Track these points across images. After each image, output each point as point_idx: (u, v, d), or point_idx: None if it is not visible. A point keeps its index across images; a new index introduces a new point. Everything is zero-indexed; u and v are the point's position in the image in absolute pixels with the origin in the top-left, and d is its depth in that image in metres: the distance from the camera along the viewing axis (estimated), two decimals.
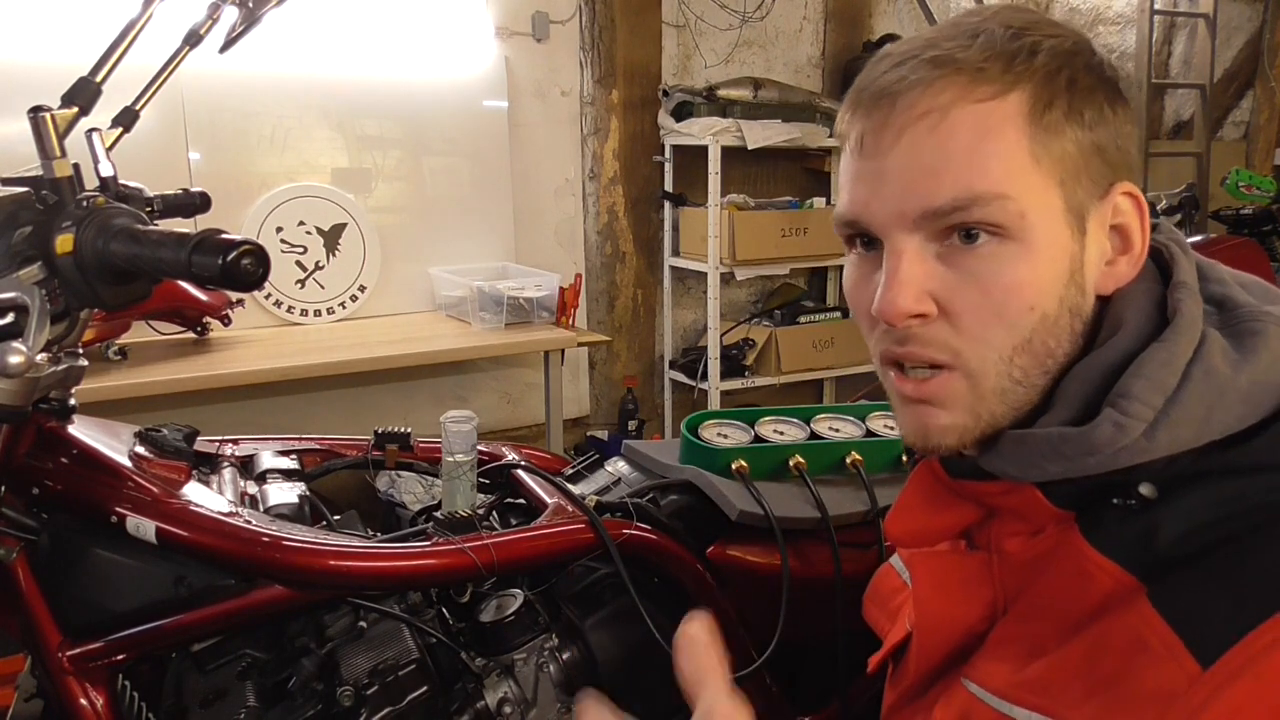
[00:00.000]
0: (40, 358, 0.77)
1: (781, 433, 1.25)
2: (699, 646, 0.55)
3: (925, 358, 0.60)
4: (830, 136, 3.30)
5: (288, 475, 1.09)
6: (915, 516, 0.70)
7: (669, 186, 3.30)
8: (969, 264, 0.58)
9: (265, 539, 0.88)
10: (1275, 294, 0.62)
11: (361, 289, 2.76)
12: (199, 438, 1.02)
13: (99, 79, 0.86)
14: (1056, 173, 0.58)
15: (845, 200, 0.62)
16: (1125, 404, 0.56)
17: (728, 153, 3.10)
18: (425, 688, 0.94)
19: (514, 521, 1.10)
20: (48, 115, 0.81)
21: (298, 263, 2.65)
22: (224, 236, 0.71)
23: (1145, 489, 0.56)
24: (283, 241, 2.62)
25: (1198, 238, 2.68)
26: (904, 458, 0.79)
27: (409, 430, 1.21)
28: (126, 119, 0.92)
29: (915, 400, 0.62)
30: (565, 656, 1.01)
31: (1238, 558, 0.51)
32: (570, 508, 1.03)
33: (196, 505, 0.90)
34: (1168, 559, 0.54)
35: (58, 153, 0.81)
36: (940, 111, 0.57)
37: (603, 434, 3.32)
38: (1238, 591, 0.50)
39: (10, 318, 0.75)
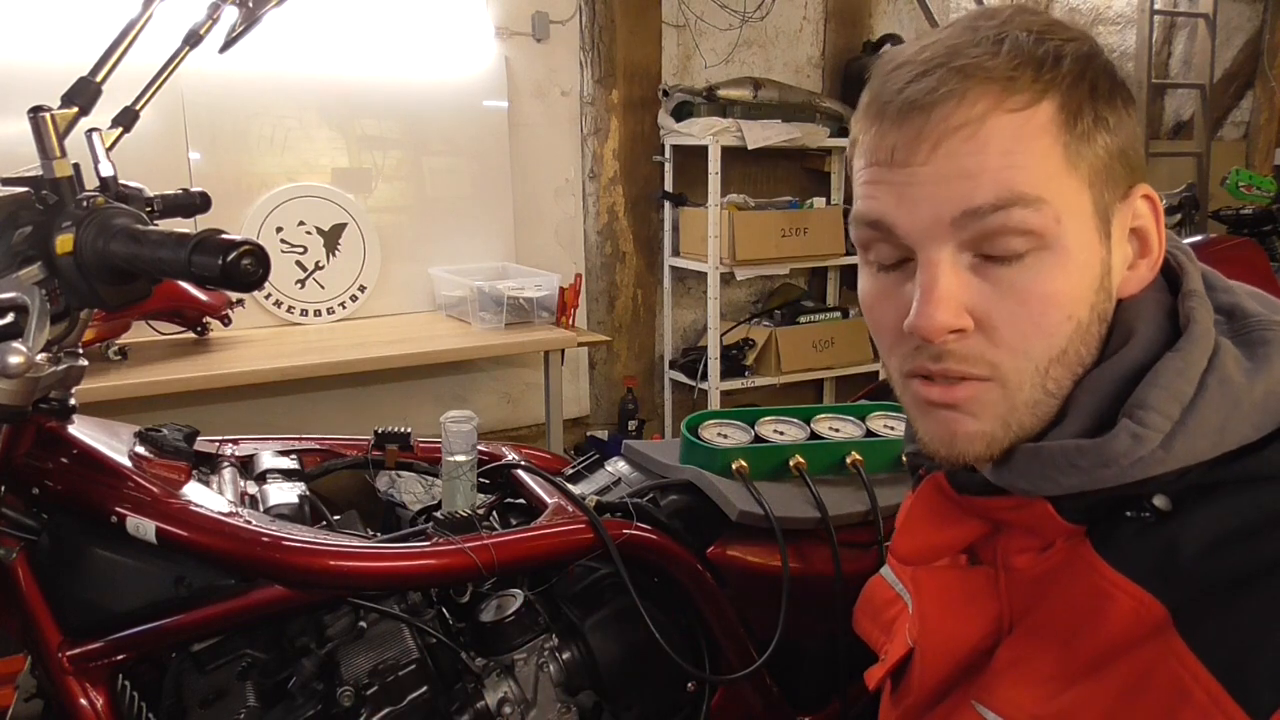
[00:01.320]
0: (40, 358, 0.77)
1: (781, 433, 1.25)
2: None
3: (962, 374, 0.58)
4: (830, 136, 3.30)
5: (288, 475, 1.09)
6: (920, 533, 0.69)
7: (669, 186, 3.30)
8: (1005, 275, 0.56)
9: (265, 539, 0.88)
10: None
11: (361, 289, 2.75)
12: (199, 438, 1.02)
13: (99, 79, 0.86)
14: (1087, 178, 0.57)
15: (868, 203, 0.60)
16: (1142, 414, 0.55)
17: (728, 153, 3.09)
18: (425, 688, 0.94)
19: (514, 521, 1.10)
20: (48, 115, 0.81)
21: (298, 263, 2.65)
22: (224, 236, 0.71)
23: (1159, 501, 0.55)
24: (283, 241, 2.62)
25: (1198, 238, 2.67)
26: (915, 471, 0.77)
27: (409, 430, 1.21)
28: (126, 119, 0.92)
29: (942, 405, 0.59)
30: (565, 656, 1.01)
31: (1276, 593, 0.49)
32: (570, 508, 1.03)
33: (196, 505, 0.90)
34: (1192, 581, 0.52)
35: (58, 153, 0.81)
36: (976, 123, 0.55)
37: (603, 434, 3.32)
38: None
39: (10, 318, 0.75)
